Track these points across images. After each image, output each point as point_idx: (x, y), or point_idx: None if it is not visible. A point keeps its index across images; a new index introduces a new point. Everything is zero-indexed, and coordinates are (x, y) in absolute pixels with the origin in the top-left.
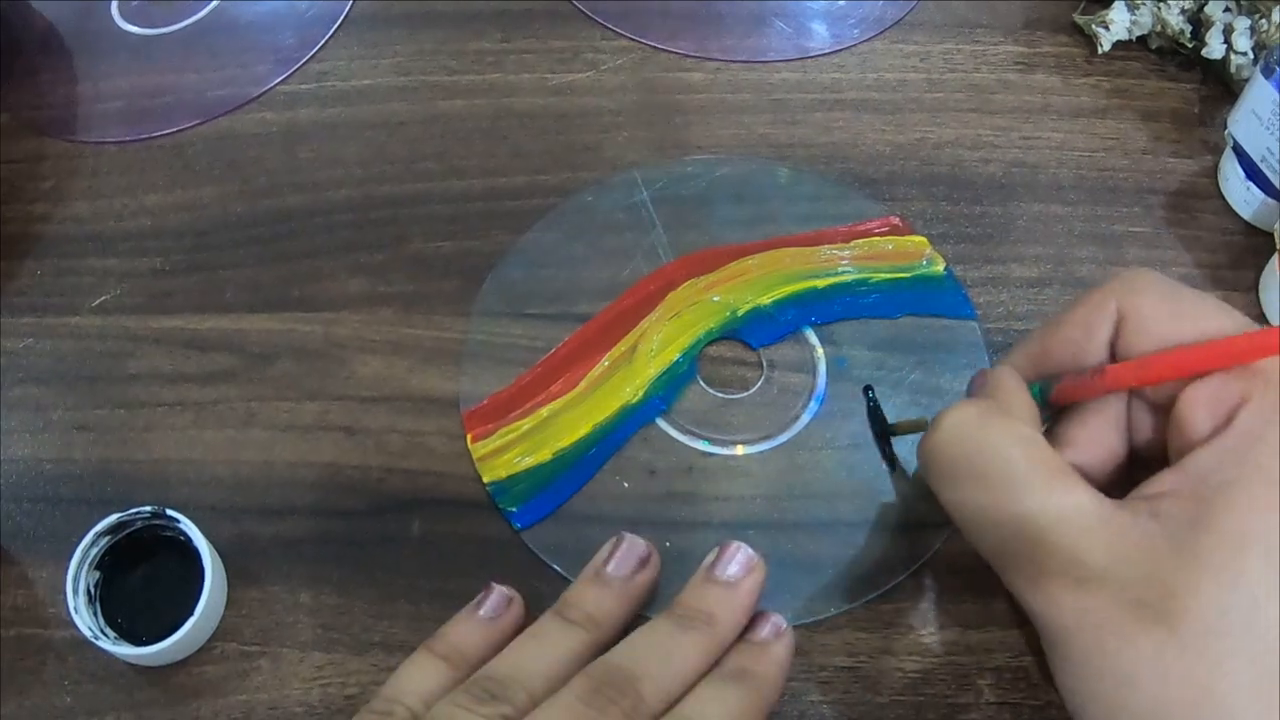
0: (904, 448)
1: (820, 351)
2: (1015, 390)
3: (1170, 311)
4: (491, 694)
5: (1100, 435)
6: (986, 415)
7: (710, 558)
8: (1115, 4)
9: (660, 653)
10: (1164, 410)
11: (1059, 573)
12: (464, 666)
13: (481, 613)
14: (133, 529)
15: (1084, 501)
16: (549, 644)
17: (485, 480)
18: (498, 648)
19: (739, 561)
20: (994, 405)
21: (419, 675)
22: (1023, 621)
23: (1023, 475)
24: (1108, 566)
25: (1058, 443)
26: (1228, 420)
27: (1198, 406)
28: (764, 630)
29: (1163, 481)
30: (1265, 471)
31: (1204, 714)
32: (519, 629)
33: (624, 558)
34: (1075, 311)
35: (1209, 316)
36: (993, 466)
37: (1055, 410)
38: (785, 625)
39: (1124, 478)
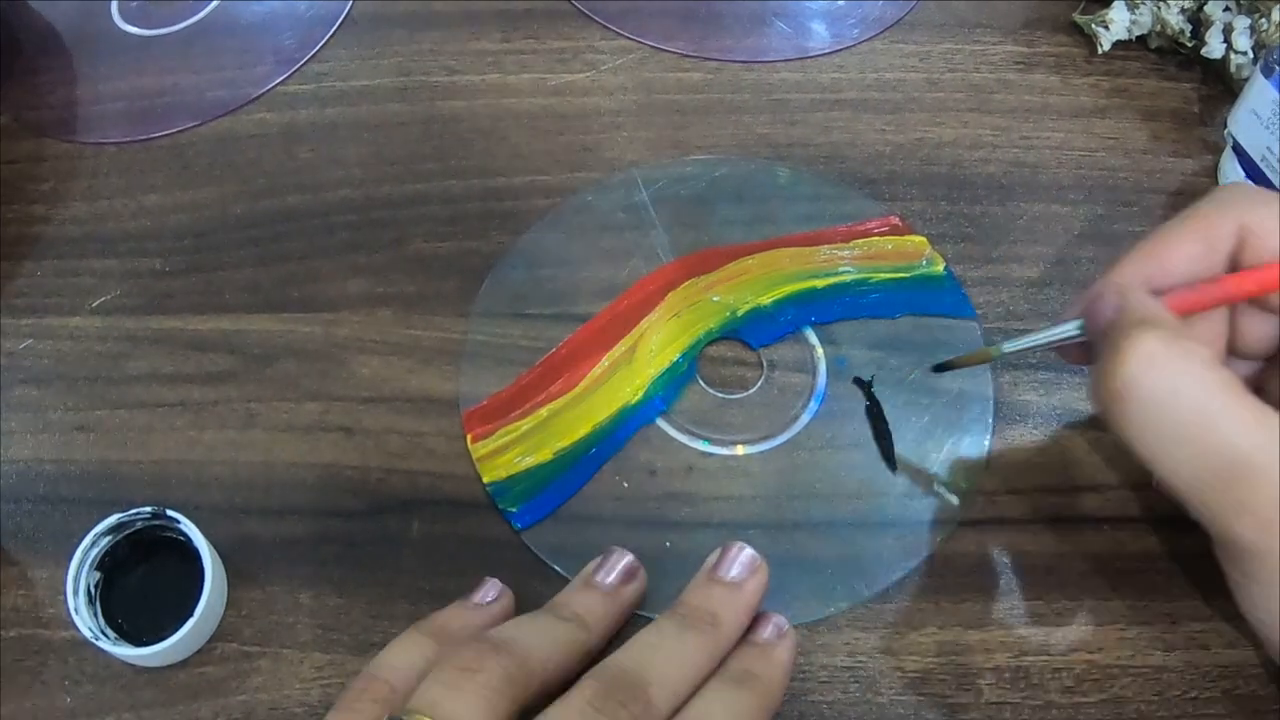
0: (903, 445)
1: (820, 351)
2: (1160, 309)
3: None
4: (479, 663)
5: (1212, 342)
6: (1174, 347)
7: (713, 558)
8: (1115, 3)
9: (667, 655)
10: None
11: (1270, 500)
12: (449, 644)
13: (473, 599)
14: (133, 530)
15: (1275, 425)
16: (540, 625)
17: (485, 480)
18: (485, 630)
19: (742, 562)
20: (1172, 334)
21: (402, 651)
22: (1023, 622)
23: (1221, 409)
24: None
25: None
26: None
27: None
28: (766, 631)
29: None
30: None
31: None
32: (508, 618)
33: (612, 567)
34: (1191, 224)
35: None
36: (1193, 407)
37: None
38: (788, 626)
39: None
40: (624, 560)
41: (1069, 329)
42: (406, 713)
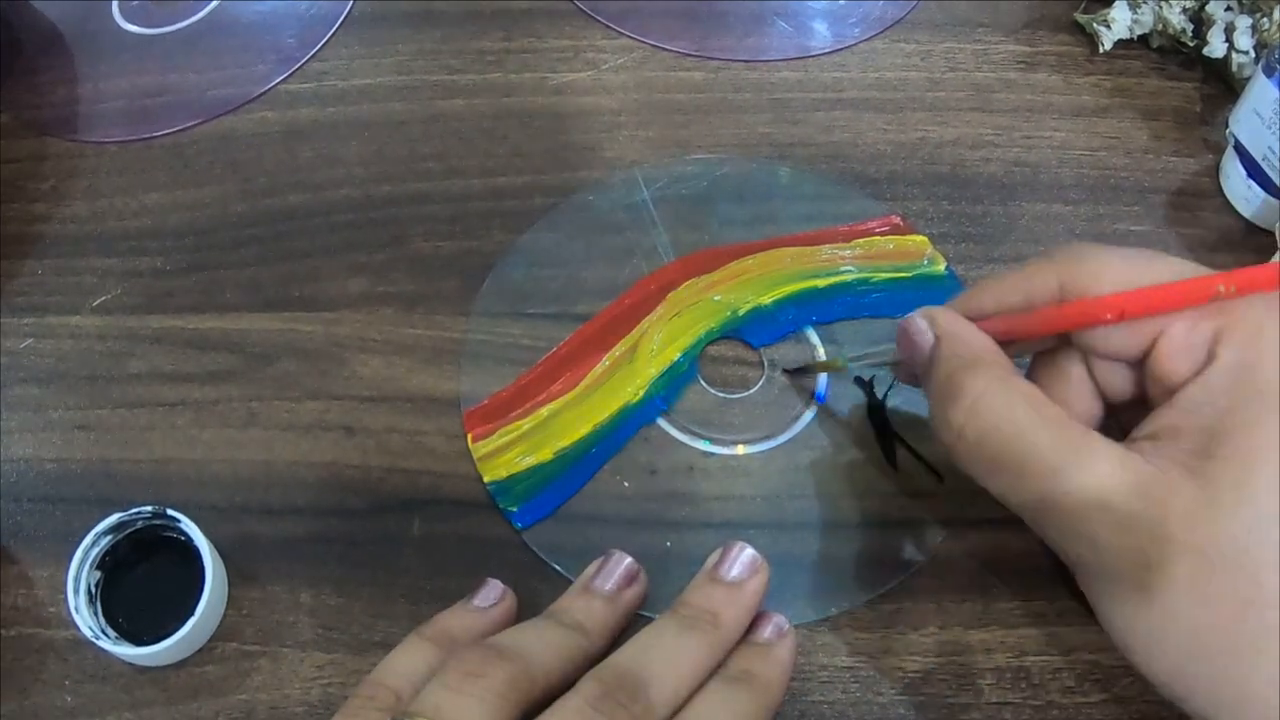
0: (904, 445)
1: (821, 351)
2: (981, 341)
3: (1120, 266)
4: (483, 668)
5: (1077, 398)
6: (997, 389)
7: (714, 558)
8: (1116, 3)
9: (667, 655)
10: (1128, 364)
11: (1100, 527)
12: (452, 650)
13: (474, 602)
14: (133, 529)
15: (1105, 451)
16: (542, 631)
17: (486, 480)
18: (487, 635)
19: (743, 562)
20: (997, 375)
21: (406, 658)
22: (1024, 622)
23: (1055, 455)
24: (1137, 508)
25: None
26: (1209, 358)
27: (1175, 352)
28: (767, 631)
29: (1158, 420)
30: (1264, 393)
31: (1247, 629)
32: (510, 623)
33: (611, 572)
34: (1012, 277)
35: (1158, 265)
36: (1027, 452)
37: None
38: (788, 626)
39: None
40: (623, 564)
41: (890, 349)
42: (410, 715)
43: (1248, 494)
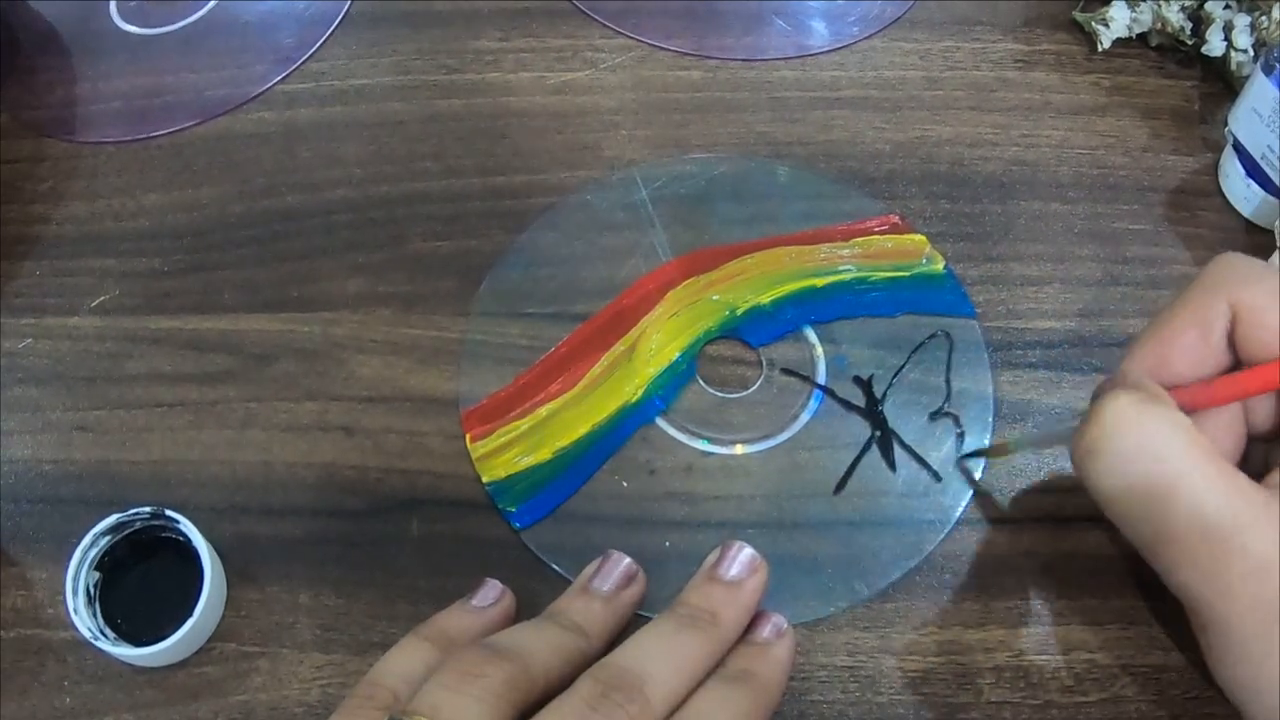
0: (902, 445)
1: (820, 350)
2: (1153, 384)
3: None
4: (481, 668)
5: (1227, 424)
6: (1145, 406)
7: (712, 557)
8: (1115, 1)
9: (665, 654)
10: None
11: (1232, 564)
12: (450, 650)
13: (473, 602)
14: (132, 529)
15: (1249, 492)
16: (540, 632)
17: (484, 480)
18: (485, 635)
19: (742, 562)
20: (1148, 395)
21: (403, 658)
22: (1023, 622)
23: (1190, 471)
24: (1275, 555)
25: None
26: None
27: None
28: (765, 630)
29: None
30: None
31: None
32: (509, 623)
33: (610, 573)
34: (1184, 313)
35: None
36: (1159, 463)
37: None
38: (786, 625)
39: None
40: (621, 565)
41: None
42: (408, 714)
43: None
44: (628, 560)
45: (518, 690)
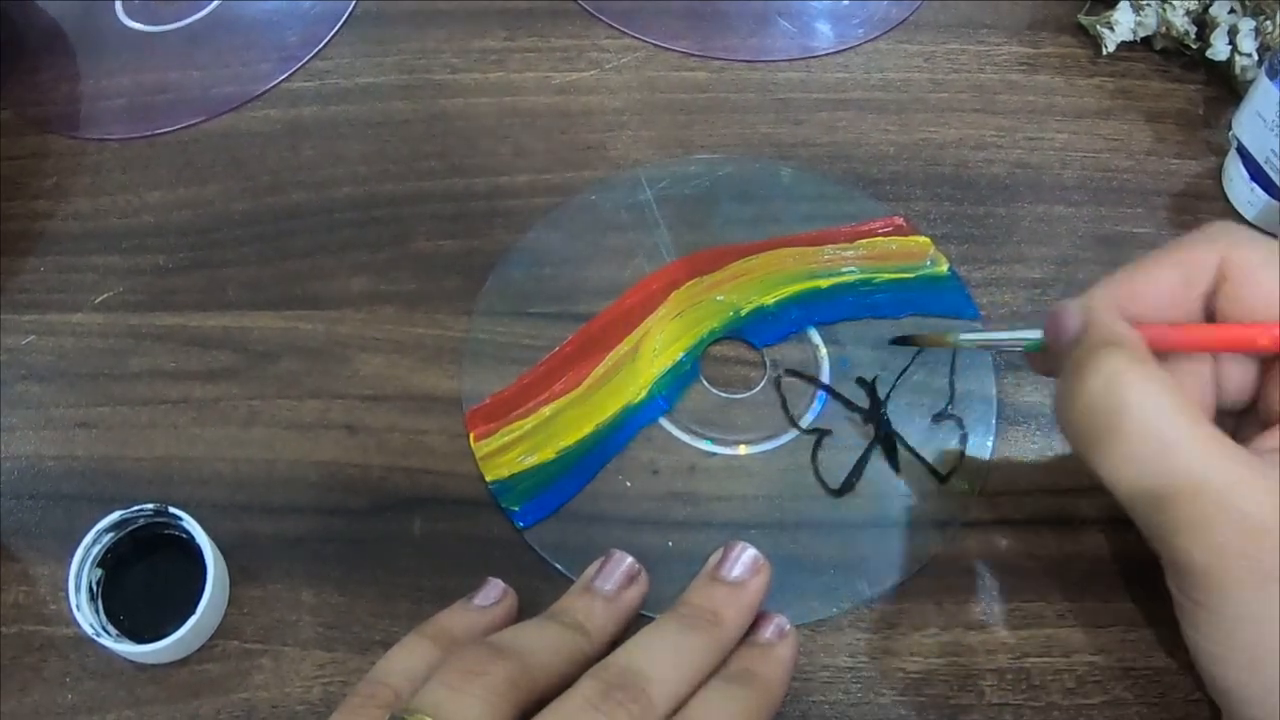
0: (905, 446)
1: (824, 351)
2: (1127, 330)
3: (1273, 269)
4: (483, 666)
5: (1199, 391)
6: (1134, 370)
7: (715, 557)
8: (1120, 5)
9: (668, 654)
10: (1255, 362)
11: (1225, 528)
12: (452, 649)
13: (475, 601)
14: (135, 526)
15: (1239, 455)
16: (542, 631)
17: (488, 479)
18: (487, 634)
19: (744, 562)
20: (1134, 356)
21: (405, 656)
22: (1025, 624)
23: (1182, 435)
24: (1270, 518)
25: None
26: None
27: None
28: (768, 631)
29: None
30: None
31: None
32: (511, 622)
33: (612, 573)
34: (1171, 256)
35: None
36: (1153, 428)
37: None
38: (789, 626)
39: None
40: (623, 565)
41: (1029, 335)
42: (409, 712)
43: None
44: (630, 560)
45: (519, 689)
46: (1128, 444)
